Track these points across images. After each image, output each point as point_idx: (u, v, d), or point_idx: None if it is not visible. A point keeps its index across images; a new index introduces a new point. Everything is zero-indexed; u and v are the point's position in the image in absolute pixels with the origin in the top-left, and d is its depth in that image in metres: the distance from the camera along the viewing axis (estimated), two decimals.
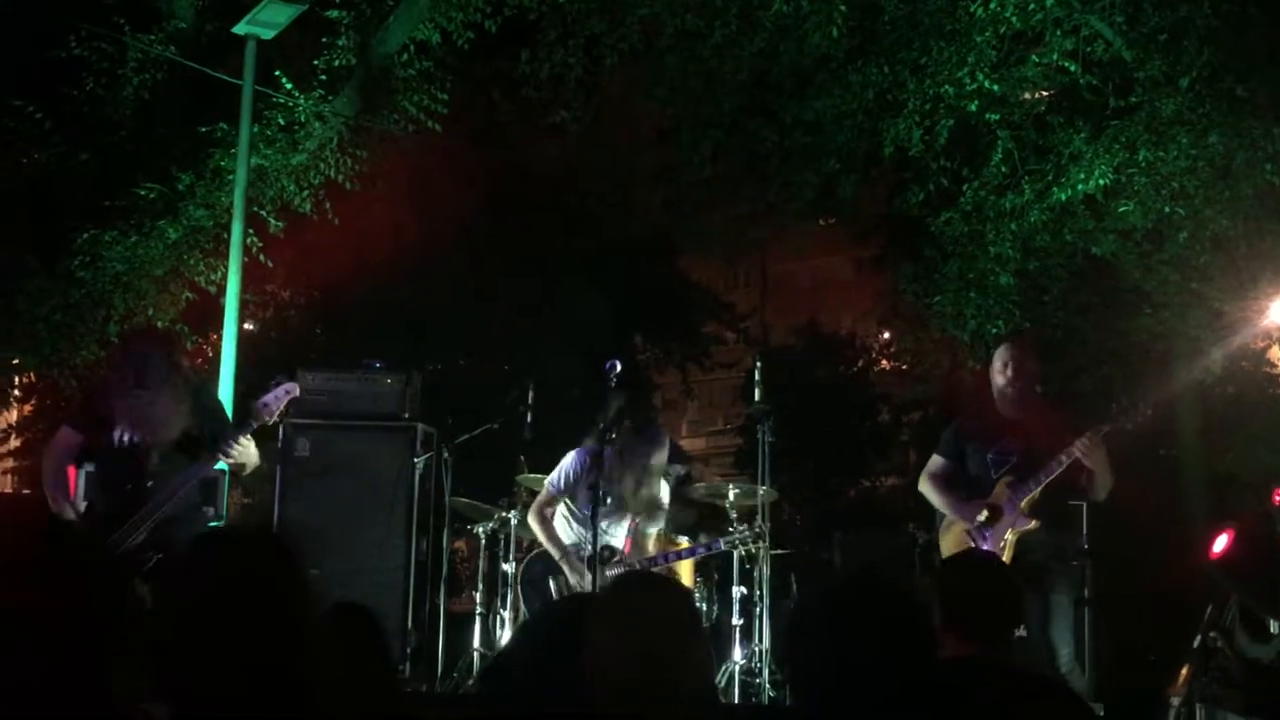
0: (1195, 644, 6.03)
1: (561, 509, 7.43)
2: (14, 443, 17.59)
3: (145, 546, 5.30)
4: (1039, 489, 6.28)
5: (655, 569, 6.95)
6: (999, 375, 6.53)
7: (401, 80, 11.58)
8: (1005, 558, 6.18)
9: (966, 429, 6.73)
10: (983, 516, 6.39)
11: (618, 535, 7.19)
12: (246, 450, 5.67)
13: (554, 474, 7.39)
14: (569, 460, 7.33)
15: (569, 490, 7.32)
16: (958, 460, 6.67)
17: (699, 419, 38.97)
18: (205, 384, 6.54)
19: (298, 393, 5.81)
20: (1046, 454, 6.28)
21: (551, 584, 7.18)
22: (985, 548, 6.28)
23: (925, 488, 6.76)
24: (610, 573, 6.66)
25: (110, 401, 5.66)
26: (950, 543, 6.60)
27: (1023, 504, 6.30)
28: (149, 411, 5.56)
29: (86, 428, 5.70)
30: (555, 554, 7.20)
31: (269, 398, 5.67)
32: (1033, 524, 6.30)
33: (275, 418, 5.79)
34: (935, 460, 6.77)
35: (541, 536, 7.28)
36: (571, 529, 7.37)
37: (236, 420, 5.94)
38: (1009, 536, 6.32)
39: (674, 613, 3.02)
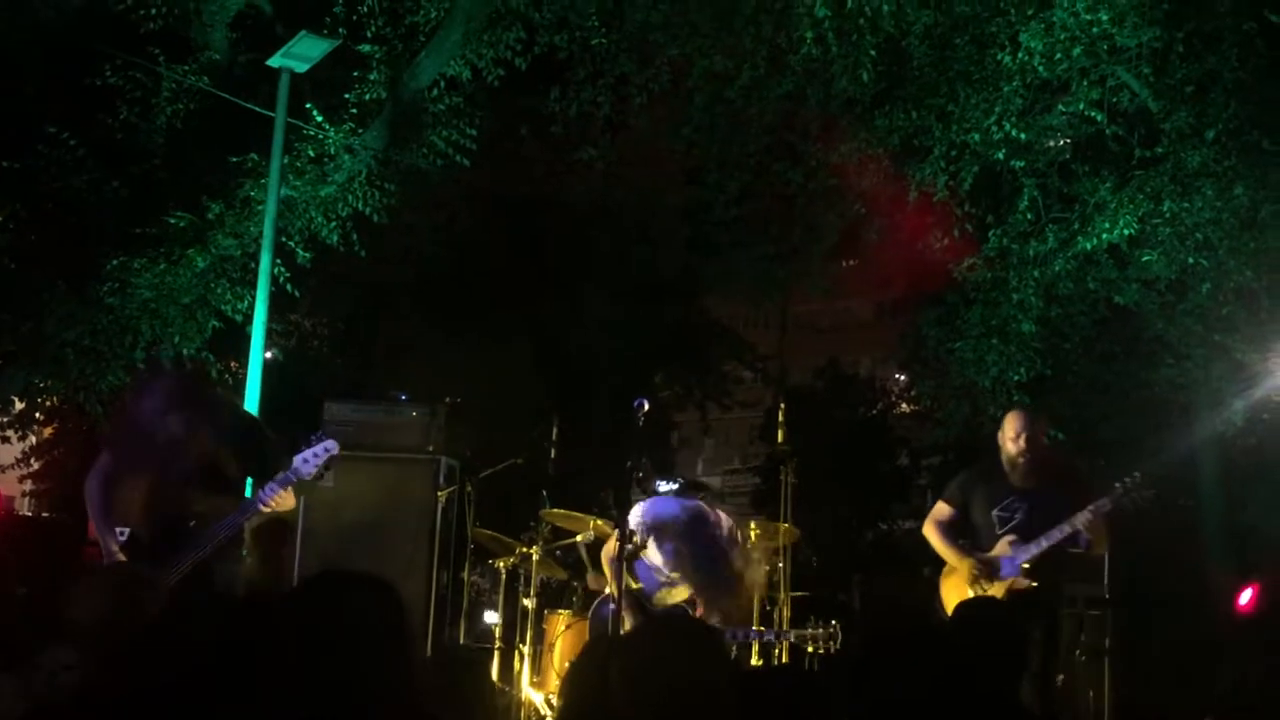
0: (1216, 695, 6.01)
1: None
2: (34, 465, 17.65)
3: (184, 584, 5.32)
4: (1039, 553, 6.53)
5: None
6: (1010, 444, 6.76)
7: (431, 115, 11.67)
8: None
9: (976, 481, 6.98)
10: (976, 570, 6.66)
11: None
12: (285, 500, 5.67)
13: None
14: None
15: None
16: (963, 510, 6.95)
17: (714, 457, 38.85)
18: (244, 424, 6.34)
19: (338, 451, 5.69)
20: (1051, 520, 6.53)
21: None
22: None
23: (929, 532, 7.05)
24: None
25: (129, 437, 5.63)
26: (950, 588, 6.79)
27: (1024, 564, 6.53)
28: (165, 447, 5.51)
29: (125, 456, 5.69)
30: None
31: (309, 454, 5.57)
32: (1032, 583, 6.54)
33: (313, 475, 5.71)
34: (941, 507, 7.05)
35: None
36: None
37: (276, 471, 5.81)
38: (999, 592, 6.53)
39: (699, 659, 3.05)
